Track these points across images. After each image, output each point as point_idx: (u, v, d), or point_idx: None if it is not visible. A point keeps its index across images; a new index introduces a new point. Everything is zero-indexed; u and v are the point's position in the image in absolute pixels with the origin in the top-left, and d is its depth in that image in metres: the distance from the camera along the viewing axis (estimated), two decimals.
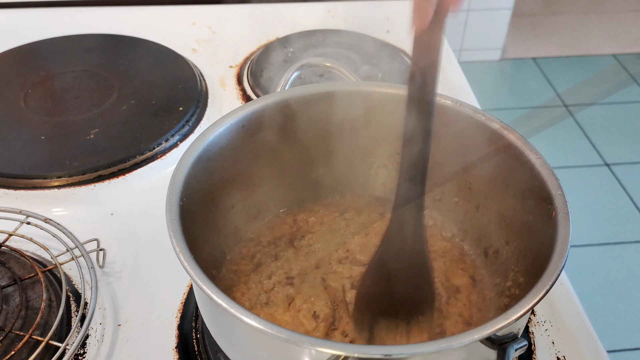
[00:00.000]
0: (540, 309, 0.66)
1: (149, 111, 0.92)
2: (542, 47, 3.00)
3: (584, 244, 1.96)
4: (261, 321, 0.42)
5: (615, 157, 2.31)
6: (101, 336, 0.62)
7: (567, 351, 0.62)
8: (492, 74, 2.86)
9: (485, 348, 0.44)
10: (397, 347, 0.42)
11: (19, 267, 0.66)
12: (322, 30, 1.12)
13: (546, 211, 0.52)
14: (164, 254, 0.70)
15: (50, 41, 1.09)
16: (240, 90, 1.00)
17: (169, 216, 0.50)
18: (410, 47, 0.50)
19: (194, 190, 0.55)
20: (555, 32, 3.12)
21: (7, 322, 0.61)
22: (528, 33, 3.09)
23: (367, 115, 0.67)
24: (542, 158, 0.55)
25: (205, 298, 0.44)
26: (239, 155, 0.63)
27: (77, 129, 0.88)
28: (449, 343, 0.41)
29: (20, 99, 0.94)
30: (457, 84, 1.01)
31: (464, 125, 0.62)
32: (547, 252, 0.48)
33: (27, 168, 0.81)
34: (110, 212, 0.77)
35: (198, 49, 1.10)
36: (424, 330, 0.54)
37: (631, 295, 1.80)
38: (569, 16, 3.24)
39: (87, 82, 0.99)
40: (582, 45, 3.02)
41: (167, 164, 0.84)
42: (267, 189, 0.68)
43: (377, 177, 0.72)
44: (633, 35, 3.10)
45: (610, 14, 3.27)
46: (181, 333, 0.63)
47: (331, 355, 0.41)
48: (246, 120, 0.62)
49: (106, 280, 0.68)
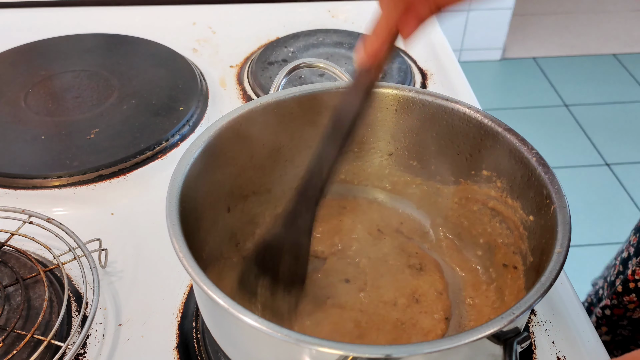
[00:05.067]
0: (540, 308, 0.66)
1: (150, 111, 0.92)
2: (543, 47, 3.01)
3: (584, 244, 1.96)
4: (262, 321, 0.42)
5: (616, 157, 2.31)
6: (102, 336, 0.63)
7: (567, 351, 0.62)
8: (492, 73, 2.86)
9: (491, 344, 0.44)
10: (398, 347, 0.41)
11: (21, 267, 0.66)
12: (323, 30, 1.12)
13: (545, 208, 0.52)
14: (164, 254, 0.70)
15: (50, 41, 1.09)
16: (240, 90, 1.00)
17: (169, 216, 0.50)
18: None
19: (194, 190, 0.55)
20: (555, 32, 3.12)
21: (9, 321, 0.61)
22: (528, 33, 3.10)
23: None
24: (542, 157, 0.56)
25: (206, 298, 0.44)
26: (240, 155, 0.63)
27: (77, 129, 0.88)
28: (456, 342, 0.41)
29: (21, 99, 0.94)
30: (457, 84, 1.01)
31: (463, 125, 0.62)
32: (548, 252, 0.49)
33: (27, 168, 0.81)
34: (110, 212, 0.77)
35: (198, 49, 1.11)
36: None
37: None
38: (569, 16, 3.24)
39: (88, 81, 0.99)
40: (583, 45, 3.03)
41: (168, 163, 0.84)
42: (268, 189, 0.68)
43: (374, 176, 0.72)
44: (633, 35, 3.10)
45: (611, 13, 3.27)
46: (181, 333, 0.63)
47: (332, 355, 0.41)
48: (243, 120, 0.62)
49: (107, 280, 0.68)
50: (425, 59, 1.08)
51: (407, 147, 0.68)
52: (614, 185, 2.21)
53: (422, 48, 1.11)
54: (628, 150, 2.34)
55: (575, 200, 2.05)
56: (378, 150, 0.69)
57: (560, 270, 0.46)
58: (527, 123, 2.48)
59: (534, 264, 0.55)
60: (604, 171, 2.27)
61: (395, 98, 0.65)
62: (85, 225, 0.73)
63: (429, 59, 1.08)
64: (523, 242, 0.58)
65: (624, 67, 2.87)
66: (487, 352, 0.46)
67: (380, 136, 0.68)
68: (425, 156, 0.67)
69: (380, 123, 0.67)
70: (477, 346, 0.44)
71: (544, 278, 0.45)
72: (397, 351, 0.41)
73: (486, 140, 0.60)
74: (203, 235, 0.59)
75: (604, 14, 3.26)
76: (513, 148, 0.58)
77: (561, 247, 0.47)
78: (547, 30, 3.13)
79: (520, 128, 0.60)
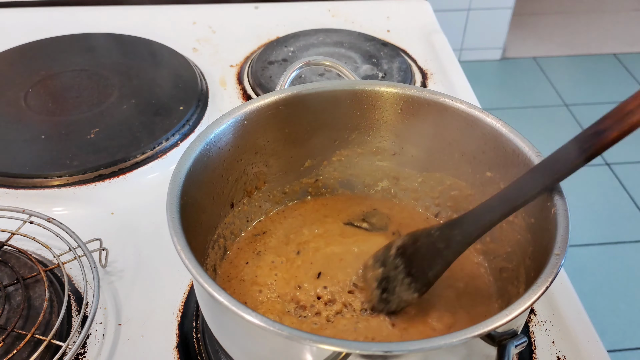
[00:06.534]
0: (540, 308, 0.66)
1: (150, 110, 0.92)
2: (543, 47, 3.00)
3: (584, 244, 1.96)
4: (262, 318, 0.42)
5: (616, 156, 2.31)
6: (102, 335, 0.63)
7: (567, 351, 0.62)
8: (492, 73, 2.86)
9: (485, 345, 0.44)
10: (397, 344, 0.42)
11: (21, 266, 0.66)
12: (323, 30, 1.12)
13: (546, 210, 0.52)
14: (164, 254, 0.70)
15: (50, 40, 1.09)
16: (240, 89, 1.00)
17: (170, 215, 0.50)
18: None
19: (194, 188, 0.55)
20: (555, 31, 3.12)
21: (9, 321, 0.61)
22: (529, 32, 3.10)
23: (366, 114, 0.67)
24: (543, 157, 0.55)
25: (206, 295, 0.44)
26: (239, 153, 0.63)
27: (77, 128, 0.88)
28: (449, 340, 0.41)
29: (21, 99, 0.94)
30: (457, 84, 1.01)
31: (463, 124, 0.62)
32: (547, 251, 0.48)
33: (27, 167, 0.81)
34: (110, 212, 0.77)
35: (198, 48, 1.11)
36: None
37: (631, 295, 1.80)
38: (569, 15, 3.24)
39: (88, 81, 0.99)
40: (583, 44, 3.03)
41: (168, 163, 0.84)
42: (267, 188, 0.68)
43: (377, 175, 0.72)
44: (634, 34, 3.10)
45: (611, 13, 3.27)
46: (182, 332, 0.63)
47: (332, 352, 0.41)
48: (246, 118, 0.62)
49: (107, 279, 0.68)
50: (425, 58, 1.08)
51: (411, 147, 0.68)
52: (614, 185, 2.20)
53: (422, 48, 1.11)
54: (628, 150, 2.33)
55: (575, 200, 2.05)
56: (382, 150, 0.69)
57: (557, 274, 0.45)
58: (527, 123, 2.48)
59: (534, 265, 0.55)
60: (604, 171, 2.26)
61: (401, 97, 0.65)
62: (86, 225, 0.73)
63: (429, 59, 1.08)
64: (524, 244, 0.58)
65: (624, 67, 2.87)
66: (482, 353, 0.46)
67: (385, 136, 0.68)
68: (429, 156, 0.67)
69: (385, 122, 0.67)
70: (470, 346, 0.44)
71: (541, 280, 0.45)
72: (397, 348, 0.41)
73: (490, 141, 0.60)
74: (204, 232, 0.59)
75: (604, 13, 3.26)
76: (516, 149, 0.57)
77: (560, 249, 0.47)
78: (547, 30, 3.13)
79: (520, 128, 0.60)
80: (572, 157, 0.48)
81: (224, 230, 0.64)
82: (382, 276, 0.58)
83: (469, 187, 0.65)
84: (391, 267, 0.57)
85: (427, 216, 0.70)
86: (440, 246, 0.54)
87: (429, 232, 0.56)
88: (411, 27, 1.18)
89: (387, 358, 0.41)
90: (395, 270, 0.57)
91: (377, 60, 1.04)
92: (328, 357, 0.41)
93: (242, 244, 0.66)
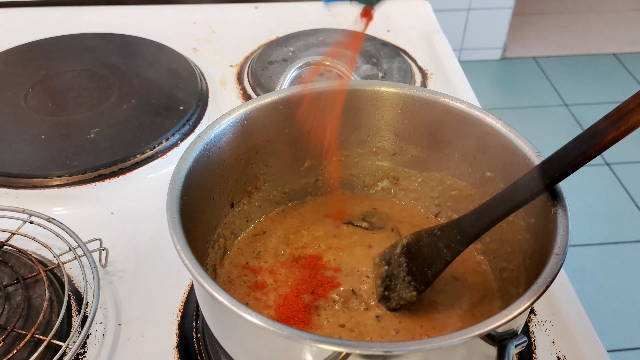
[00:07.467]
0: (540, 308, 0.66)
1: (150, 110, 0.92)
2: (543, 47, 3.00)
3: (584, 244, 1.96)
4: (262, 318, 0.42)
5: (616, 156, 2.31)
6: (102, 335, 0.63)
7: (567, 351, 0.62)
8: (492, 73, 2.86)
9: (485, 345, 0.44)
10: (397, 344, 0.42)
11: (21, 266, 0.66)
12: (323, 30, 1.12)
13: (546, 210, 0.52)
14: (164, 254, 0.70)
15: (50, 40, 1.09)
16: (240, 89, 1.00)
17: (170, 214, 0.50)
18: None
19: (194, 188, 0.55)
20: (555, 31, 3.12)
21: (9, 320, 0.61)
22: (528, 32, 3.10)
23: (366, 114, 0.67)
24: (543, 157, 0.55)
25: (206, 295, 0.44)
26: (239, 153, 0.63)
27: (77, 128, 0.88)
28: (449, 340, 0.41)
29: (21, 98, 0.94)
30: (457, 84, 1.01)
31: (463, 124, 0.62)
32: (547, 251, 0.49)
33: (27, 167, 0.81)
34: (110, 212, 0.77)
35: (199, 48, 1.10)
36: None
37: (631, 295, 1.80)
38: (569, 15, 3.24)
39: (88, 81, 0.99)
40: (583, 44, 3.03)
41: (168, 163, 0.84)
42: (267, 187, 0.68)
43: (377, 175, 0.72)
44: (634, 34, 3.10)
45: (611, 13, 3.27)
46: (181, 332, 0.63)
47: (332, 352, 0.41)
48: (246, 118, 0.62)
49: (107, 279, 0.68)
50: (425, 58, 1.08)
51: (411, 147, 0.68)
52: (614, 185, 2.20)
53: (422, 48, 1.11)
54: (628, 150, 2.33)
55: (575, 200, 2.05)
56: (382, 150, 0.69)
57: (557, 274, 0.45)
58: (527, 123, 2.48)
59: (533, 265, 0.55)
60: (604, 171, 2.26)
61: (401, 97, 0.65)
62: (86, 225, 0.73)
63: (429, 59, 1.08)
64: (524, 244, 0.58)
65: (624, 67, 2.87)
66: (482, 353, 0.46)
67: (385, 136, 0.68)
68: (429, 156, 0.67)
69: (385, 122, 0.67)
70: (470, 346, 0.44)
71: (541, 280, 0.45)
72: (398, 347, 0.41)
73: (490, 141, 0.60)
74: (205, 232, 0.59)
75: (604, 13, 3.26)
76: (516, 149, 0.57)
77: (559, 250, 0.47)
78: (547, 30, 3.13)
79: (520, 128, 0.60)
80: (572, 157, 0.48)
81: (224, 230, 0.64)
82: (386, 274, 0.59)
83: (469, 187, 0.65)
84: (395, 265, 0.58)
85: (427, 216, 0.70)
86: (440, 245, 0.54)
87: (432, 232, 0.56)
88: (411, 27, 1.18)
89: (387, 358, 0.41)
90: (398, 268, 0.58)
91: (377, 60, 1.04)
92: (328, 357, 0.41)
93: (242, 244, 0.67)
